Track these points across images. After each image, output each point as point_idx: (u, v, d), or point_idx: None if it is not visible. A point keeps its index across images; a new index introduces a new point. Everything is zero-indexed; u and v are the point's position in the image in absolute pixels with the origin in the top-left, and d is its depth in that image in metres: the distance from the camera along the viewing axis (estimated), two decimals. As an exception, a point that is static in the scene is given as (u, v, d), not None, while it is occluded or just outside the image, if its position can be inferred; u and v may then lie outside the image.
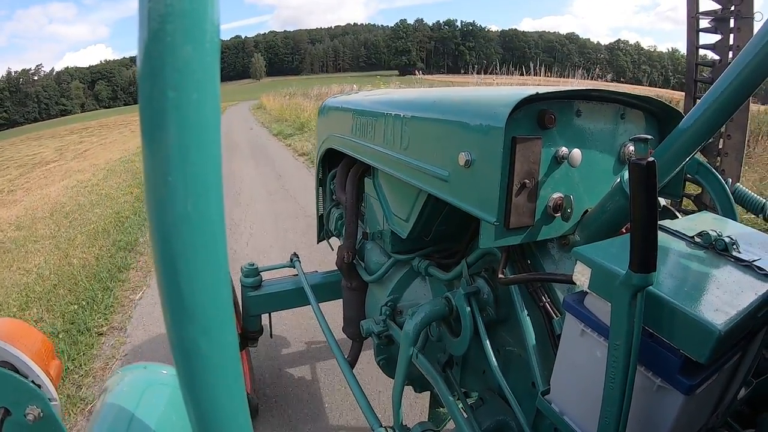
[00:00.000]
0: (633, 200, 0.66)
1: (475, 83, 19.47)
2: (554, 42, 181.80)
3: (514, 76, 21.78)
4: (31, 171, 15.99)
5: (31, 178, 14.23)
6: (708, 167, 1.44)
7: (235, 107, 40.30)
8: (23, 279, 4.73)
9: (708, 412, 0.85)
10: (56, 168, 15.47)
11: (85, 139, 26.56)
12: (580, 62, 65.91)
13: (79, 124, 44.31)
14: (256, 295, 2.53)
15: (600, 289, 0.79)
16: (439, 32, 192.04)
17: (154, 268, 0.33)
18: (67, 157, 18.30)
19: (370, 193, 1.85)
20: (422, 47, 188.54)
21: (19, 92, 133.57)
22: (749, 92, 0.80)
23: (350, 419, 2.57)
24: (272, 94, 33.98)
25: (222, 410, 0.37)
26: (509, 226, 1.00)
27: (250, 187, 8.47)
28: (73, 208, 7.94)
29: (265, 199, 7.53)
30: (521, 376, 1.24)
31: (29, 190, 11.54)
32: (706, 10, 2.30)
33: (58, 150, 22.05)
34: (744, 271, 0.81)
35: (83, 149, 20.70)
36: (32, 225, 7.21)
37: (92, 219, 6.96)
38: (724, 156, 2.31)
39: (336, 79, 48.41)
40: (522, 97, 0.93)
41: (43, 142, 28.36)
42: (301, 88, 31.67)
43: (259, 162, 11.06)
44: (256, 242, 5.39)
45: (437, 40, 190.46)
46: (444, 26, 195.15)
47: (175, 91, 0.28)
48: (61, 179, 12.29)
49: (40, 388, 1.17)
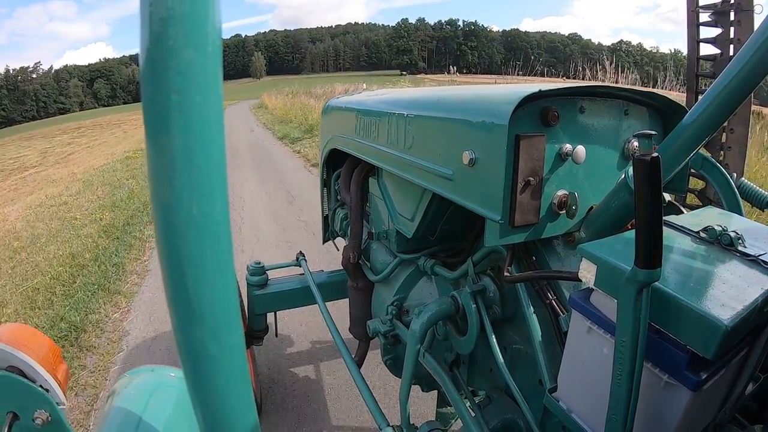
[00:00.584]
0: (638, 196, 0.66)
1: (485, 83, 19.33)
2: (557, 42, 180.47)
3: (520, 77, 21.65)
4: (5, 179, 14.59)
5: (1, 188, 12.88)
6: (712, 162, 1.43)
7: (235, 106, 38.35)
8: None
9: (715, 407, 0.84)
10: (33, 176, 14.13)
11: (75, 140, 25.43)
12: (586, 63, 65.97)
13: (74, 123, 43.06)
14: (262, 294, 2.54)
15: (606, 285, 0.78)
16: (440, 32, 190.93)
17: (160, 270, 0.33)
18: (48, 162, 17.15)
19: (374, 193, 1.85)
20: (424, 47, 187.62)
21: (17, 90, 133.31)
22: (753, 86, 0.79)
23: (358, 418, 2.57)
24: (273, 92, 32.74)
25: (230, 411, 0.37)
26: (514, 224, 0.99)
27: (253, 215, 6.33)
28: (25, 243, 6.17)
29: (276, 237, 5.40)
30: (528, 374, 1.24)
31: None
32: (706, 4, 2.29)
33: (43, 153, 20.83)
34: (750, 265, 0.81)
35: (68, 153, 19.45)
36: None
37: (41, 264, 5.12)
38: (727, 150, 2.30)
39: (338, 78, 47.61)
40: (525, 95, 0.93)
41: (33, 143, 27.52)
42: (304, 87, 31.01)
43: (264, 175, 9.03)
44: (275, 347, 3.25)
45: (439, 39, 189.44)
46: (446, 26, 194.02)
47: (178, 95, 0.28)
48: (31, 192, 10.84)
49: (47, 392, 1.18)
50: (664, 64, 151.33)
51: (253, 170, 9.69)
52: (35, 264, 5.19)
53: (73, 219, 6.96)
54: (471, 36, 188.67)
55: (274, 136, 15.42)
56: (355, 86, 20.15)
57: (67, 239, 5.97)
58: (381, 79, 26.53)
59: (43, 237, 6.31)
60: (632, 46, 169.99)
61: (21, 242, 6.26)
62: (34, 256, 5.54)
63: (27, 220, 7.54)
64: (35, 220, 7.43)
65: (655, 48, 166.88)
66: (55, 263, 5.07)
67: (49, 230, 6.62)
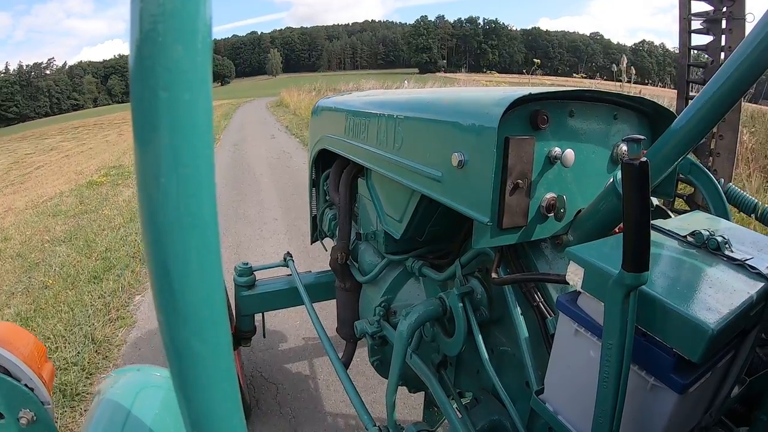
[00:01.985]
0: (626, 200, 0.66)
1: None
2: (578, 42, 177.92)
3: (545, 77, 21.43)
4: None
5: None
6: (701, 167, 1.44)
7: (249, 105, 34.65)
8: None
9: (702, 410, 0.85)
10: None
11: (61, 144, 22.25)
12: (608, 63, 64.30)
13: (78, 122, 40.27)
14: (250, 295, 2.53)
15: (593, 288, 0.79)
16: (461, 29, 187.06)
17: (147, 270, 0.32)
18: (10, 178, 12.92)
19: (363, 194, 1.85)
20: (443, 45, 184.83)
21: (30, 86, 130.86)
22: (741, 93, 0.80)
23: (344, 418, 2.57)
24: (294, 89, 28.81)
25: (216, 412, 0.37)
26: (502, 227, 1.00)
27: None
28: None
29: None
30: (515, 375, 1.24)
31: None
32: (698, 12, 2.31)
33: (16, 163, 16.45)
34: (736, 270, 0.82)
35: (39, 165, 15.05)
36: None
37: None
38: (716, 156, 2.32)
39: (353, 76, 45.20)
40: (515, 98, 0.94)
41: (19, 146, 23.87)
42: (327, 84, 29.13)
43: (303, 228, 5.29)
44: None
45: (459, 37, 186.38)
46: (466, 24, 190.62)
47: (167, 92, 0.28)
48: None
49: (32, 391, 1.17)
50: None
51: (282, 215, 5.98)
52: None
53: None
54: (492, 34, 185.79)
55: (305, 147, 10.00)
56: (385, 84, 18.29)
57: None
58: (399, 77, 25.27)
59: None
60: (654, 46, 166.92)
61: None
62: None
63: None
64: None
65: (676, 48, 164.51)
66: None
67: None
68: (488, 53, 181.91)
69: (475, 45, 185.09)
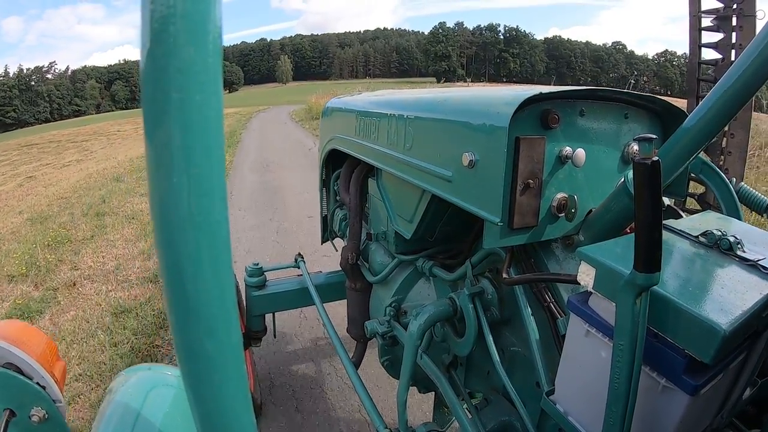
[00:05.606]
0: (637, 200, 0.66)
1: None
2: (600, 51, 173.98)
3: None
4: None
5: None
6: (712, 166, 1.43)
7: (264, 114, 28.14)
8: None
9: (713, 412, 0.84)
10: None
11: (39, 159, 18.68)
12: (631, 74, 63.42)
13: (71, 130, 37.07)
14: (260, 295, 2.53)
15: (604, 289, 0.78)
16: (480, 37, 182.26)
17: (159, 270, 0.33)
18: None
19: (373, 194, 1.85)
20: (462, 53, 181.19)
21: (29, 91, 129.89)
22: (753, 91, 0.79)
23: (355, 419, 2.57)
24: (320, 95, 23.60)
25: (226, 411, 0.37)
26: (513, 227, 0.99)
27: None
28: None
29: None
30: (526, 376, 1.24)
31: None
32: (709, 9, 2.29)
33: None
34: (749, 270, 0.81)
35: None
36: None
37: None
38: (727, 155, 2.30)
39: (370, 84, 43.82)
40: (526, 97, 0.93)
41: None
42: (349, 90, 27.06)
43: None
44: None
45: (478, 45, 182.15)
46: (485, 31, 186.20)
47: (178, 93, 0.28)
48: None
49: (44, 389, 1.18)
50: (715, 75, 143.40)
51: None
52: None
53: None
54: (513, 42, 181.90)
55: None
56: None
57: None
58: (417, 86, 23.64)
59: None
60: (677, 56, 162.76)
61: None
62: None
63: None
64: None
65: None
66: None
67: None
68: (509, 62, 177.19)
69: (496, 53, 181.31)
